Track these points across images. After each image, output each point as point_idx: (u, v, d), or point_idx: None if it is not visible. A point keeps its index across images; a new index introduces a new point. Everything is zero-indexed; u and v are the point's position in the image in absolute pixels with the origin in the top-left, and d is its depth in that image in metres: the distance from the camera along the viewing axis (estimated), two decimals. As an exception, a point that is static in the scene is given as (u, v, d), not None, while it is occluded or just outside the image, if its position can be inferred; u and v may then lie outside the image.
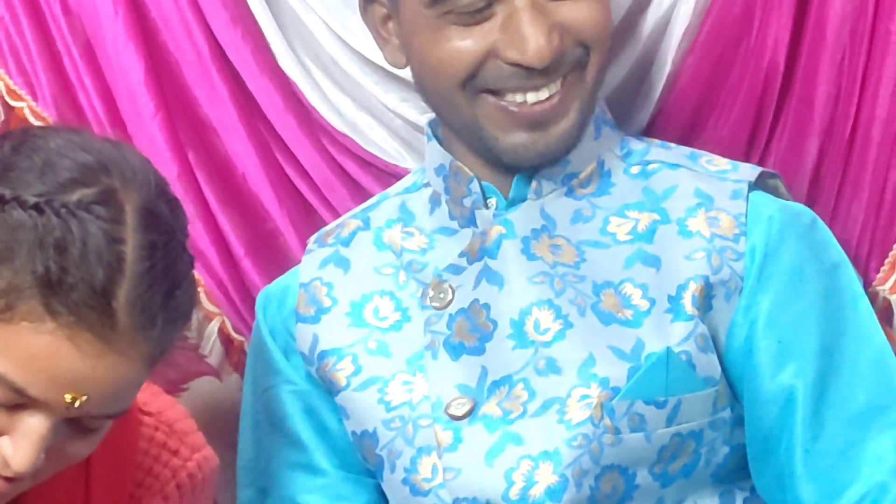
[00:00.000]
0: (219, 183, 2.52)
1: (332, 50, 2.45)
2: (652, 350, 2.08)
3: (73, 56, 2.54)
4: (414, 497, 2.15)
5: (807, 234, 2.17)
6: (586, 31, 2.10)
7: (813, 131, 2.31)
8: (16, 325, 1.86)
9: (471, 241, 2.19)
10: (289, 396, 2.27)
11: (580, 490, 2.07)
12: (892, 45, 2.26)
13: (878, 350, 2.17)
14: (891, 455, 2.10)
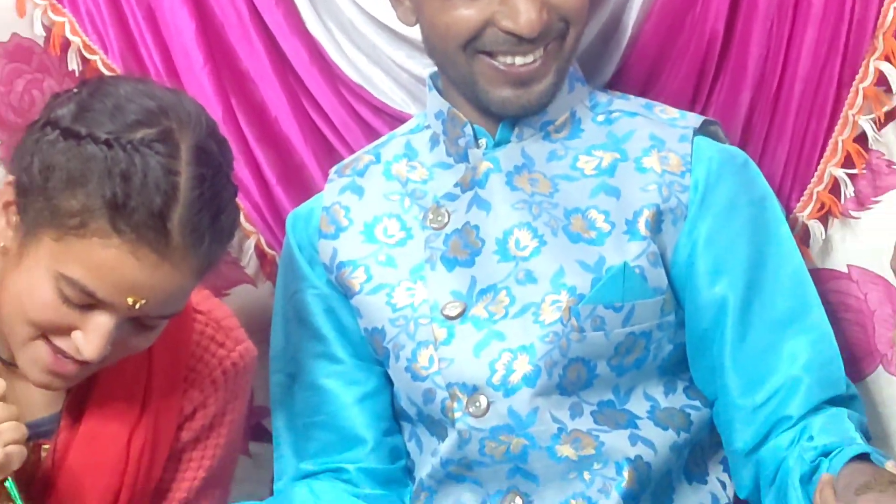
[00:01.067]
0: (255, 124, 2.53)
1: (351, 14, 2.44)
2: (612, 264, 2.14)
3: (136, 18, 2.53)
4: (414, 382, 2.19)
5: (740, 172, 2.22)
6: (569, 10, 2.14)
7: (746, 86, 2.35)
8: (88, 240, 1.96)
9: (464, 173, 2.23)
10: (313, 299, 2.30)
11: (550, 378, 2.11)
12: (812, 15, 2.29)
13: (796, 267, 2.23)
14: (804, 354, 2.15)
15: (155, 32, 2.54)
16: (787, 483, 2.08)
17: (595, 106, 2.28)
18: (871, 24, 2.26)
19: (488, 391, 2.13)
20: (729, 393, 2.17)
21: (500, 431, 2.14)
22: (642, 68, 2.42)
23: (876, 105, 2.27)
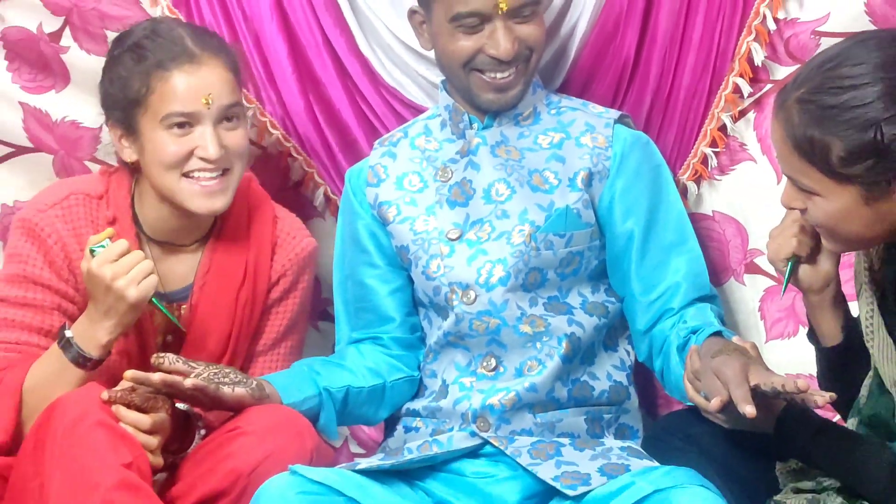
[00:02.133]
0: (325, 113, 2.47)
1: (389, 41, 2.42)
2: (558, 206, 2.17)
3: (247, 42, 2.47)
4: (427, 281, 2.21)
5: (643, 148, 2.24)
6: (532, 43, 2.16)
7: (648, 92, 2.35)
8: (156, 93, 2.06)
9: (462, 145, 2.24)
10: (362, 226, 2.29)
11: (517, 280, 2.15)
12: (693, 44, 2.29)
13: (679, 211, 2.25)
14: (683, 268, 2.19)
15: (259, 51, 2.48)
16: (669, 351, 2.12)
17: (549, 103, 2.28)
18: (731, 51, 2.26)
19: (476, 288, 2.16)
20: (633, 293, 2.20)
21: (483, 314, 2.16)
22: (580, 79, 2.40)
23: (733, 106, 2.30)
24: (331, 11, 2.42)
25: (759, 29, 2.23)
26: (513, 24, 2.12)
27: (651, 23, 2.31)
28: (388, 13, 2.39)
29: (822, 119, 1.60)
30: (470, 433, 2.10)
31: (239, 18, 2.45)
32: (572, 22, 2.34)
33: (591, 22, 2.33)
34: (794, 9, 2.22)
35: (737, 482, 1.89)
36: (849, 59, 1.61)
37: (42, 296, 2.13)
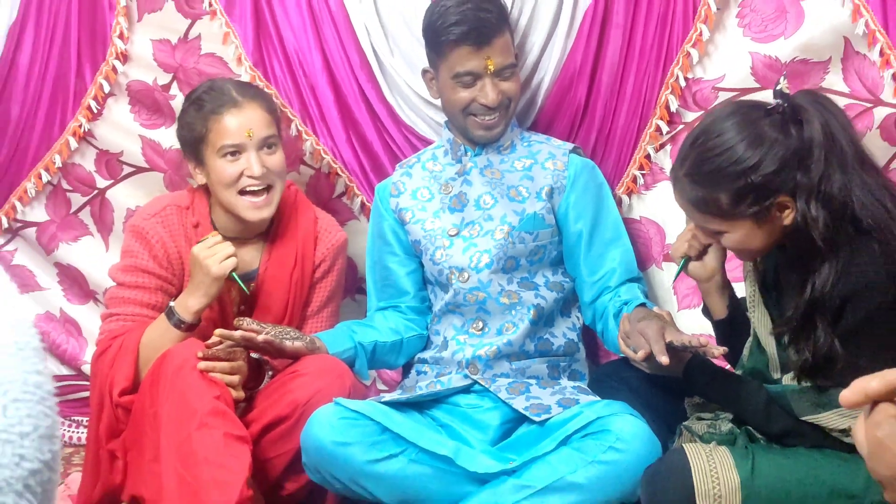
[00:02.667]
0: (360, 143, 2.44)
1: (408, 92, 2.38)
2: (528, 212, 2.16)
3: (279, 58, 2.43)
4: (434, 265, 2.19)
5: (590, 171, 2.22)
6: (510, 95, 2.14)
7: (594, 130, 2.31)
8: (213, 130, 2.08)
9: (459, 168, 2.23)
10: (386, 226, 2.26)
11: (498, 265, 2.14)
12: (628, 97, 2.26)
13: (616, 217, 2.23)
14: (618, 257, 2.18)
15: (315, 99, 2.44)
16: (607, 317, 2.12)
17: (522, 138, 2.25)
18: (654, 101, 2.23)
19: (469, 270, 2.15)
20: (582, 275, 2.19)
21: (473, 290, 2.15)
22: (545, 120, 2.36)
23: (655, 141, 2.27)
24: (365, 70, 2.41)
25: (674, 85, 2.22)
26: (497, 81, 2.12)
27: (596, 80, 2.29)
28: (406, 72, 2.38)
29: (706, 182, 1.64)
30: (463, 376, 2.11)
31: (300, 75, 2.43)
32: (539, 79, 2.33)
33: (553, 79, 2.31)
34: (699, 71, 2.22)
35: (656, 412, 1.91)
36: (712, 133, 1.64)
37: (148, 280, 2.15)
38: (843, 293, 1.60)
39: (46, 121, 2.57)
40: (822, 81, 2.11)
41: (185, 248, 2.15)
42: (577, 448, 1.83)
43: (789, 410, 1.70)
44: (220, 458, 1.78)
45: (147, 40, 2.50)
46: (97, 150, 2.60)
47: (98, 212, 2.67)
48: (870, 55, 2.06)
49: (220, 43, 2.45)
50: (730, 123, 1.64)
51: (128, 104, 2.56)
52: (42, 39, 2.51)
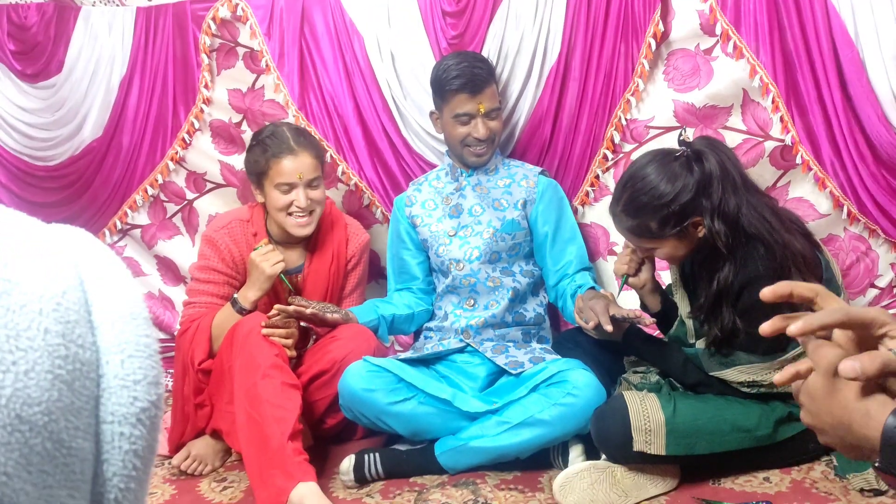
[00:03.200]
0: (382, 167, 2.40)
1: (418, 129, 2.34)
2: (508, 219, 2.13)
3: (319, 103, 2.40)
4: (437, 258, 2.17)
5: (554, 188, 2.20)
6: (495, 131, 2.14)
7: (556, 157, 2.28)
8: (273, 169, 2.01)
9: (456, 185, 2.21)
10: (402, 228, 2.24)
11: (485, 257, 2.12)
12: (581, 133, 2.22)
13: (573, 222, 2.21)
14: (574, 252, 2.16)
15: (346, 134, 2.40)
16: (566, 297, 2.11)
17: (504, 163, 2.22)
18: (602, 136, 2.21)
19: (463, 262, 2.14)
20: (547, 265, 2.17)
21: (467, 276, 2.14)
22: (520, 150, 2.31)
23: (602, 165, 2.25)
24: (386, 112, 2.38)
25: (618, 124, 2.21)
26: (486, 120, 2.11)
27: (558, 120, 2.27)
28: (417, 115, 2.36)
29: (638, 214, 1.66)
30: (459, 340, 2.11)
31: (335, 116, 2.41)
32: (516, 119, 2.31)
33: (526, 120, 2.29)
34: (635, 113, 2.21)
35: (602, 367, 1.91)
36: (637, 178, 1.66)
37: (217, 276, 2.13)
38: (741, 282, 1.62)
39: (150, 149, 2.57)
40: (727, 121, 2.12)
41: (246, 252, 2.12)
42: (544, 394, 1.83)
43: (701, 367, 1.72)
44: (278, 400, 1.78)
45: (224, 89, 2.49)
46: (187, 171, 2.60)
47: (187, 217, 2.67)
48: (762, 102, 2.06)
49: (275, 91, 2.43)
50: (650, 168, 1.65)
51: (210, 137, 2.55)
52: (146, 88, 2.51)
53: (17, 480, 0.25)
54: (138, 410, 0.30)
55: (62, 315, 0.27)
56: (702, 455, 1.65)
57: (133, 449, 0.30)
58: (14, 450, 0.25)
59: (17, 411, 0.25)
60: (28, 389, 0.25)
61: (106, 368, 0.30)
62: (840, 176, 2.02)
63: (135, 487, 0.30)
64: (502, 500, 1.73)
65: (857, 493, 1.61)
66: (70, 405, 0.27)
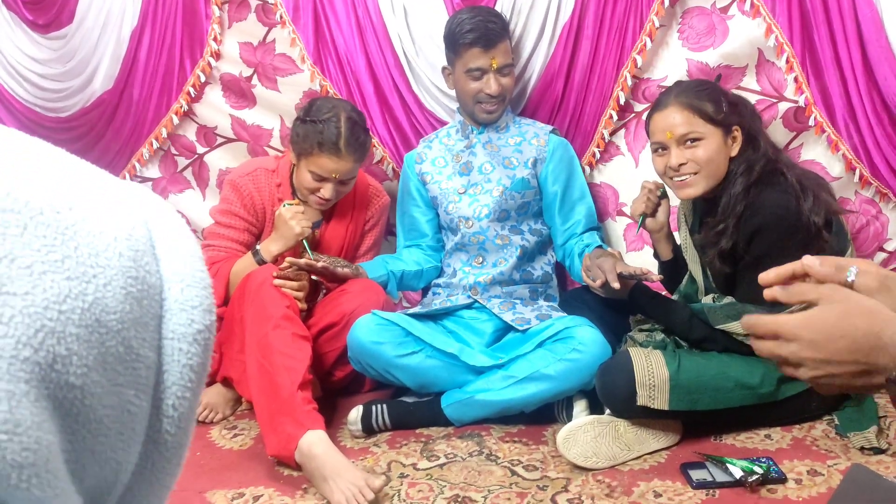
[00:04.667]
0: (394, 124, 2.37)
1: (430, 85, 2.34)
2: (518, 177, 2.14)
3: (332, 58, 2.38)
4: (447, 215, 2.18)
5: (564, 147, 2.19)
6: (507, 88, 2.12)
7: (567, 117, 2.27)
8: (313, 157, 1.96)
9: (467, 143, 2.20)
10: (412, 185, 2.24)
11: (494, 215, 2.13)
12: (591, 92, 2.22)
13: (582, 181, 2.21)
14: (583, 211, 2.17)
15: (359, 91, 2.40)
16: (573, 256, 2.13)
17: (515, 121, 2.21)
18: (609, 96, 2.19)
19: (472, 219, 2.15)
20: (555, 224, 2.18)
21: (476, 234, 2.15)
22: (531, 108, 2.31)
23: (609, 126, 2.24)
24: (398, 68, 2.37)
25: (624, 84, 2.20)
26: (498, 76, 2.10)
27: (570, 78, 2.26)
28: (429, 70, 2.35)
29: (697, 93, 1.74)
30: (467, 296, 2.13)
31: (348, 71, 2.40)
32: (528, 77, 2.31)
33: (538, 77, 2.28)
34: (648, 73, 2.20)
35: (607, 325, 1.93)
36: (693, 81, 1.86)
37: (238, 222, 2.15)
38: (752, 229, 1.65)
39: (158, 102, 2.56)
40: (741, 82, 2.10)
41: (268, 201, 2.13)
42: (550, 349, 1.86)
43: (707, 322, 1.73)
44: (289, 350, 1.80)
45: (235, 42, 2.48)
46: (197, 125, 2.60)
47: (198, 171, 2.67)
48: (777, 62, 2.05)
49: (289, 46, 2.43)
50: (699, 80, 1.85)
51: (220, 90, 2.55)
52: (156, 40, 2.50)
53: (95, 374, 0.29)
54: (195, 331, 0.34)
55: (132, 245, 0.32)
56: (704, 411, 1.67)
57: (189, 364, 0.34)
58: (94, 347, 0.29)
59: (97, 316, 0.30)
60: (106, 299, 0.30)
61: (168, 293, 0.34)
62: (854, 138, 2.02)
63: (189, 397, 0.35)
64: (506, 451, 1.77)
65: (857, 452, 1.64)
66: (139, 318, 0.32)
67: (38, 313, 0.28)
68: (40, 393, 0.28)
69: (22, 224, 0.29)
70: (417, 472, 1.71)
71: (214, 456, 1.85)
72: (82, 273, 0.30)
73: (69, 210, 0.31)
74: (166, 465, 0.35)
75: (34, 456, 0.27)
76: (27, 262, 0.28)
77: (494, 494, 1.59)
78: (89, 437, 0.30)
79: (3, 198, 0.29)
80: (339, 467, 1.60)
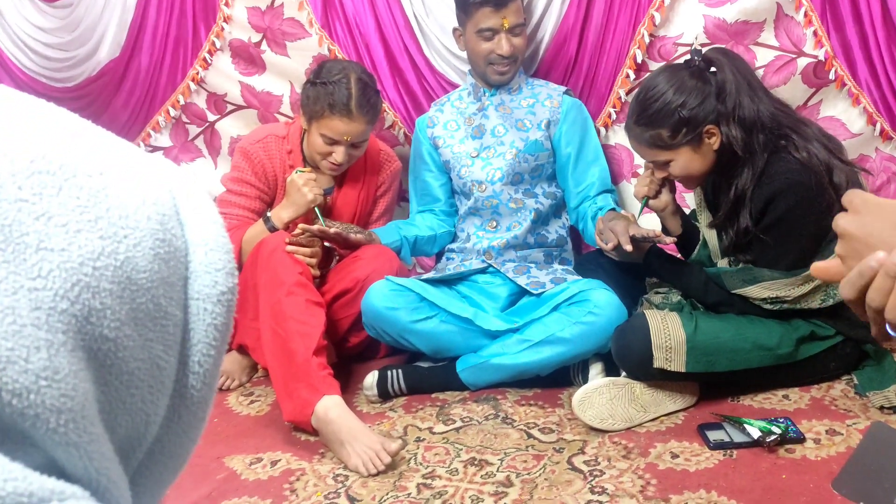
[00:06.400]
0: (405, 88, 2.38)
1: (440, 47, 2.32)
2: (531, 139, 2.12)
3: (341, 21, 2.37)
4: (459, 179, 2.17)
5: (578, 108, 2.17)
6: (519, 48, 2.10)
7: (581, 77, 2.24)
8: (325, 119, 1.94)
9: (479, 105, 2.19)
10: (424, 150, 2.23)
11: (507, 178, 2.12)
12: (605, 52, 2.19)
13: (596, 143, 2.18)
14: (597, 173, 2.14)
15: (369, 55, 2.38)
16: (587, 219, 2.12)
17: (527, 82, 2.20)
18: (625, 54, 2.15)
19: (486, 183, 2.13)
20: (569, 187, 2.16)
21: (489, 198, 2.14)
22: (544, 69, 2.28)
23: (626, 85, 2.20)
24: (408, 30, 2.35)
25: (640, 41, 2.16)
26: (510, 36, 2.08)
27: (584, 38, 2.23)
28: (439, 32, 2.33)
29: (650, 123, 1.68)
30: (481, 261, 2.12)
31: (357, 35, 2.38)
32: (540, 37, 2.28)
33: (551, 37, 2.25)
34: (663, 30, 2.16)
35: (623, 288, 1.92)
36: (649, 88, 1.69)
37: (249, 189, 2.14)
38: (767, 196, 1.62)
39: (171, 69, 2.56)
40: (759, 37, 2.06)
41: (279, 168, 2.12)
42: (565, 313, 1.86)
43: (722, 286, 1.72)
44: (303, 316, 1.81)
45: (243, 7, 2.45)
46: (207, 93, 2.59)
47: (209, 139, 2.67)
48: (796, 16, 2.01)
49: (297, 10, 2.40)
50: (660, 79, 1.69)
51: (230, 57, 2.53)
52: (164, 6, 2.48)
53: (127, 328, 0.31)
54: (219, 293, 0.36)
55: (159, 209, 0.34)
56: (721, 372, 1.67)
57: (214, 323, 0.36)
58: (126, 303, 0.31)
59: (129, 274, 0.32)
60: (136, 259, 0.32)
61: (193, 256, 0.35)
62: (874, 93, 1.98)
63: (214, 355, 0.36)
64: (522, 415, 1.78)
65: (876, 411, 1.64)
66: (167, 278, 0.33)
67: (74, 268, 0.30)
68: (76, 344, 0.29)
69: (57, 185, 0.30)
70: (434, 435, 1.72)
71: (232, 422, 1.87)
72: (114, 233, 0.31)
73: (100, 175, 0.32)
74: (192, 419, 0.36)
75: (71, 402, 0.29)
76: (63, 221, 0.30)
77: (511, 457, 1.60)
78: (122, 388, 0.32)
79: (40, 160, 0.30)
80: (355, 431, 1.62)
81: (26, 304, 0.28)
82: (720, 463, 1.51)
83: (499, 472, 1.55)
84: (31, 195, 0.30)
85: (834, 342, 1.71)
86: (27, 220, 0.29)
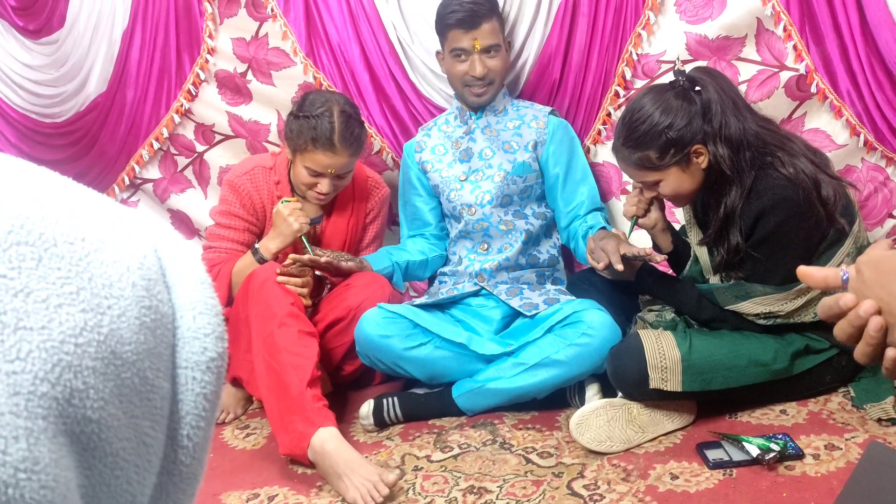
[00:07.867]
0: (391, 113, 2.37)
1: (426, 71, 2.30)
2: (519, 161, 2.11)
3: (326, 49, 2.35)
4: (449, 203, 2.17)
5: (565, 128, 2.16)
6: (496, 70, 2.08)
7: (567, 97, 2.24)
8: (309, 153, 1.94)
9: (466, 129, 2.18)
10: (412, 174, 2.22)
11: (497, 201, 2.11)
12: (591, 70, 2.19)
13: (584, 162, 2.17)
14: (586, 192, 2.13)
15: (354, 82, 2.36)
16: (578, 238, 2.11)
17: (513, 104, 2.19)
18: (613, 72, 2.17)
19: (475, 206, 2.13)
20: (559, 207, 2.15)
21: (479, 221, 2.13)
22: (529, 90, 2.28)
23: (614, 102, 2.21)
24: (393, 56, 2.35)
25: (629, 59, 2.17)
26: (484, 58, 2.07)
27: (568, 58, 2.23)
28: (425, 56, 2.32)
29: (637, 146, 1.67)
30: (473, 284, 2.11)
31: (342, 62, 2.38)
32: (524, 59, 2.28)
33: (535, 59, 2.26)
34: (646, 48, 2.16)
35: (616, 307, 1.91)
36: (634, 111, 1.68)
37: (238, 222, 2.13)
38: (756, 212, 1.62)
39: (154, 102, 2.54)
40: (741, 52, 2.07)
41: (268, 199, 2.11)
42: (559, 335, 1.85)
43: (715, 302, 1.71)
44: (295, 347, 1.79)
45: (228, 38, 2.45)
46: (195, 123, 2.58)
47: (198, 169, 2.66)
48: (776, 31, 2.01)
49: (281, 39, 2.39)
50: (646, 100, 1.67)
51: (216, 88, 2.52)
52: (148, 40, 2.47)
53: (111, 407, 0.29)
54: (208, 359, 0.34)
55: (144, 273, 0.32)
56: (718, 390, 1.65)
57: (203, 392, 0.34)
58: (110, 380, 0.29)
59: (113, 348, 0.29)
60: (121, 330, 0.30)
61: (180, 322, 0.34)
62: (857, 104, 1.98)
63: (204, 426, 0.34)
64: (520, 439, 1.76)
65: (874, 423, 1.62)
66: (153, 348, 0.32)
67: (54, 347, 0.28)
68: (58, 429, 0.27)
69: (37, 257, 0.29)
70: (431, 464, 1.70)
71: (228, 457, 1.85)
72: (97, 304, 0.29)
73: (82, 241, 0.30)
74: (181, 496, 0.34)
75: (52, 494, 0.27)
76: (43, 296, 0.28)
77: (510, 484, 1.58)
78: (105, 472, 0.30)
79: (18, 230, 0.29)
80: (352, 463, 1.60)
81: (4, 391, 0.26)
82: (720, 483, 1.49)
83: (498, 499, 1.53)
84: (9, 269, 0.28)
85: (829, 355, 1.70)
86: (5, 298, 0.27)
